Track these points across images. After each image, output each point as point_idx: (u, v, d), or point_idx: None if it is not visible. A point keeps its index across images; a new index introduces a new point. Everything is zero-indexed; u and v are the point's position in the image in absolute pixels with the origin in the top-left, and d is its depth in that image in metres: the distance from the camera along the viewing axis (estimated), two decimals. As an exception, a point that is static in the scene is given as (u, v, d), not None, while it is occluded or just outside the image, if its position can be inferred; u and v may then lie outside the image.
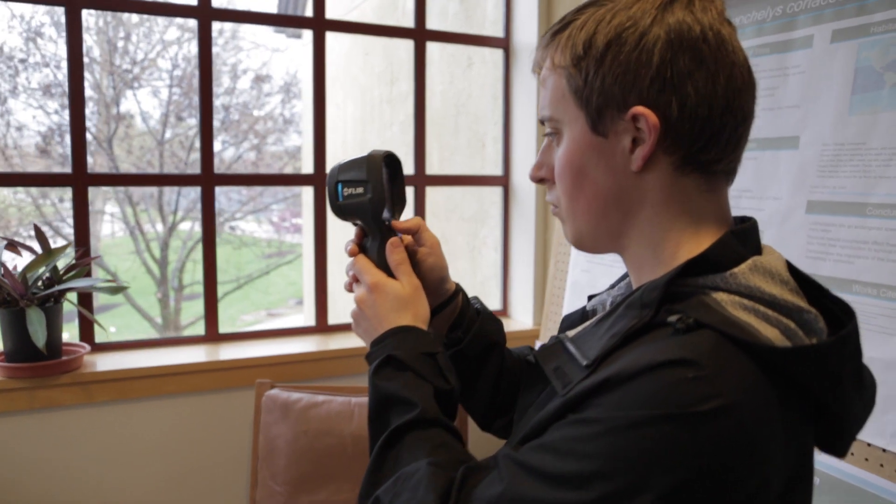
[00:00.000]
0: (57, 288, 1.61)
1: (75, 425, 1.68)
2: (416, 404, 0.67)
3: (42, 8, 5.62)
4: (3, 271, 1.57)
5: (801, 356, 0.52)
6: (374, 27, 2.13)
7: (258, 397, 1.73)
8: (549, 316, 1.92)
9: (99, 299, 9.34)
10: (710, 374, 0.49)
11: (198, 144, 7.86)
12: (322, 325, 2.10)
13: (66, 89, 1.71)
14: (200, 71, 1.82)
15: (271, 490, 1.65)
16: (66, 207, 7.90)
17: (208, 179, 1.89)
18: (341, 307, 1.89)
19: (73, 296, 1.74)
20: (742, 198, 1.35)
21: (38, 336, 1.53)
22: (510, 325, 2.24)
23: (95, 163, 6.97)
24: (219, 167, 6.78)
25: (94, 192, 6.97)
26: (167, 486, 1.77)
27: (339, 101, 4.22)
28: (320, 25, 1.93)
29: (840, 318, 0.58)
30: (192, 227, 7.68)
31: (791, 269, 0.60)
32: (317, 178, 2.02)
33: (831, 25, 1.23)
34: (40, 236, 1.68)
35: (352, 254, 0.80)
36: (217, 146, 7.84)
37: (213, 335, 1.95)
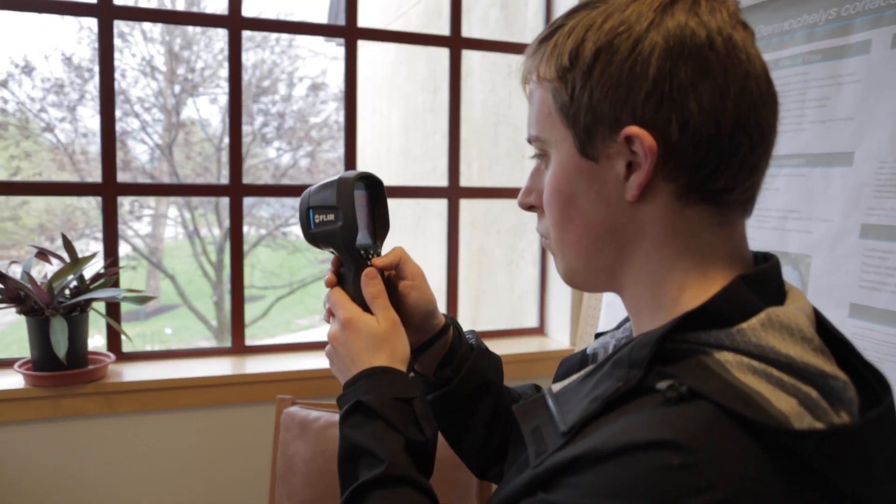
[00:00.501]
0: (81, 298, 1.62)
1: (97, 435, 1.68)
2: (383, 459, 0.62)
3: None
4: (28, 281, 1.57)
5: (820, 440, 0.43)
6: (408, 35, 2.07)
7: (278, 413, 1.70)
8: (583, 337, 1.82)
9: (161, 300, 9.58)
10: (701, 460, 0.41)
11: (254, 151, 7.90)
12: (238, 346, 2.04)
13: (128, 97, 1.70)
14: (230, 81, 1.82)
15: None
16: (123, 213, 8.13)
17: (237, 190, 1.88)
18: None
19: (100, 305, 1.75)
20: (788, 219, 1.22)
21: (60, 346, 1.53)
22: (546, 344, 2.14)
23: (158, 168, 7.13)
24: (274, 173, 6.81)
25: (159, 198, 7.24)
26: (187, 499, 1.76)
27: (384, 110, 4.19)
28: (352, 34, 1.89)
29: (875, 389, 0.48)
30: (247, 231, 7.70)
31: (820, 322, 0.51)
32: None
33: (891, 29, 1.12)
34: (68, 246, 1.69)
35: (328, 284, 0.75)
36: (272, 153, 7.91)
37: (239, 347, 1.93)
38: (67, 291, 1.65)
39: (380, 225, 0.78)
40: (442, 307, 2.18)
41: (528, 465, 0.50)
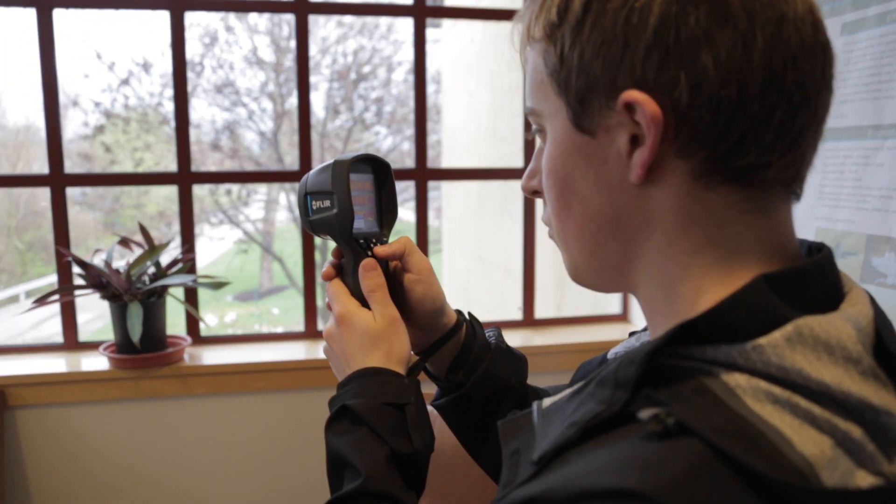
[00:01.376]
0: (157, 284, 1.67)
1: (174, 415, 1.74)
2: (361, 473, 0.58)
3: (216, 14, 6.04)
4: (107, 268, 1.64)
5: (859, 500, 0.33)
6: (476, 11, 2.00)
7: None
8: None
9: (273, 281, 9.97)
10: None
11: (356, 136, 7.99)
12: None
13: (237, 88, 1.76)
14: (298, 65, 1.82)
15: None
16: (233, 199, 8.48)
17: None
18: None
19: (179, 291, 1.79)
20: (893, 198, 1.09)
21: (135, 330, 1.59)
22: (629, 332, 2.01)
23: (265, 155, 7.45)
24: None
25: (270, 184, 7.64)
26: (258, 480, 1.80)
27: (473, 90, 4.12)
28: (421, 13, 1.85)
29: None
30: None
31: (880, 338, 0.40)
32: (418, 174, 1.95)
33: None
34: (144, 234, 1.75)
35: (325, 277, 0.71)
36: (370, 137, 8.03)
37: (312, 332, 1.95)
38: (146, 278, 1.71)
39: (387, 212, 0.73)
40: (517, 293, 2.10)
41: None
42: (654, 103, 0.40)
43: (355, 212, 0.67)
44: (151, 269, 1.71)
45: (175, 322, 1.85)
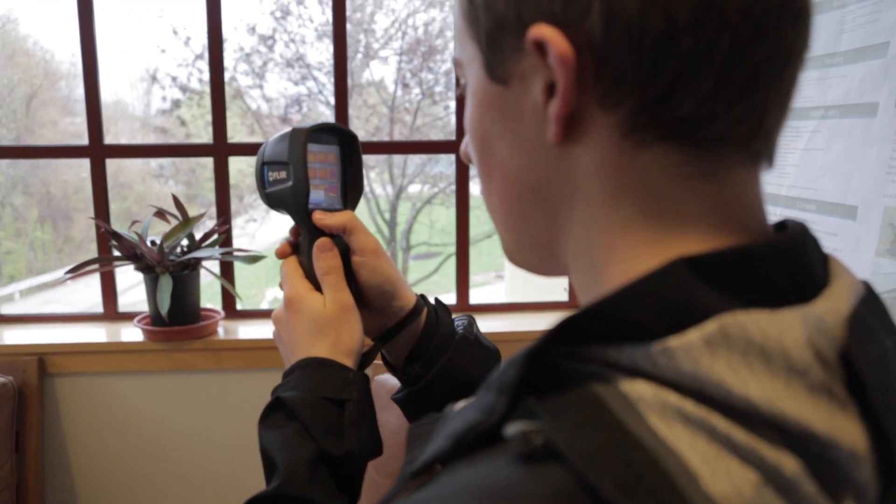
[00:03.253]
0: (189, 256, 1.65)
1: (206, 388, 1.74)
2: (281, 473, 0.54)
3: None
4: (140, 240, 1.64)
5: None
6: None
7: (371, 380, 1.64)
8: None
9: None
10: None
11: (424, 109, 7.76)
12: (463, 305, 1.98)
13: (306, 62, 1.77)
14: (335, 39, 1.80)
15: (374, 480, 1.58)
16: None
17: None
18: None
19: (214, 265, 1.79)
20: None
21: (164, 303, 1.57)
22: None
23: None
24: (444, 130, 6.80)
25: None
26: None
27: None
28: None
29: None
30: (420, 189, 7.88)
31: (864, 341, 0.31)
32: (456, 146, 1.88)
33: None
34: (179, 206, 1.73)
35: (279, 255, 0.67)
36: (439, 111, 7.94)
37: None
38: (179, 250, 1.69)
39: (352, 188, 0.68)
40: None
41: None
42: (565, 40, 0.33)
43: (314, 186, 0.63)
44: (185, 242, 1.70)
45: (217, 296, 1.88)
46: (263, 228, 7.82)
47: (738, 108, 0.32)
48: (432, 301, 0.68)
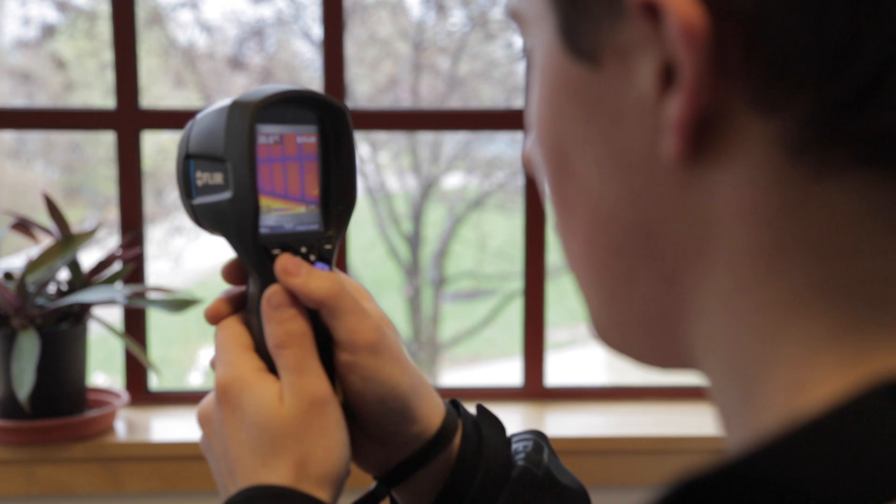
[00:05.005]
0: (68, 301, 1.32)
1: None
2: None
3: None
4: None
5: None
6: None
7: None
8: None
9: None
10: None
11: (471, 48, 5.10)
12: (533, 388, 1.55)
13: None
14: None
15: None
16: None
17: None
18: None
19: (111, 312, 1.51)
20: None
21: (23, 379, 1.21)
22: None
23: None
24: (505, 83, 5.54)
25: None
26: None
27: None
28: None
29: None
30: (463, 183, 5.98)
31: None
32: (514, 120, 1.41)
33: None
34: (54, 213, 1.36)
35: (209, 315, 0.52)
36: (496, 51, 5.88)
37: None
38: (54, 289, 1.39)
39: (338, 195, 0.54)
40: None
41: None
42: (694, 4, 0.25)
43: (269, 197, 0.52)
44: (64, 274, 1.40)
45: (116, 366, 1.74)
46: (196, 244, 5.69)
47: None
48: (472, 410, 0.61)
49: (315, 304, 0.49)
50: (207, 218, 0.51)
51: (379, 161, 5.47)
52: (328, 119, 0.52)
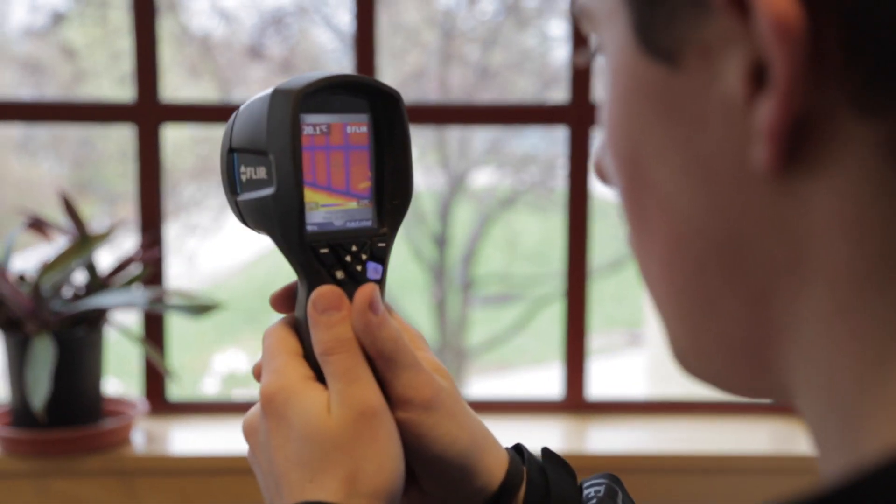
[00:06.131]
0: (85, 305, 1.27)
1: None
2: None
3: None
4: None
5: None
6: None
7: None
8: None
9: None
10: None
11: (505, 37, 4.89)
12: (574, 400, 1.48)
13: None
14: None
15: None
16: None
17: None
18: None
19: (129, 317, 1.51)
20: None
21: (37, 387, 1.16)
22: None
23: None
24: (541, 75, 5.50)
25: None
26: None
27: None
28: None
29: None
30: (494, 181, 5.73)
31: None
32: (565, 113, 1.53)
33: None
34: (71, 213, 1.29)
35: (275, 303, 0.53)
36: (529, 39, 5.76)
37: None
38: (70, 293, 1.34)
39: (392, 190, 0.52)
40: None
41: None
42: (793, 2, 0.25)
43: (315, 191, 0.49)
44: (82, 278, 1.35)
45: (133, 374, 1.58)
46: (212, 241, 5.45)
47: None
48: (537, 454, 0.60)
49: (377, 355, 0.46)
50: (252, 216, 0.48)
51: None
52: (380, 107, 0.49)
